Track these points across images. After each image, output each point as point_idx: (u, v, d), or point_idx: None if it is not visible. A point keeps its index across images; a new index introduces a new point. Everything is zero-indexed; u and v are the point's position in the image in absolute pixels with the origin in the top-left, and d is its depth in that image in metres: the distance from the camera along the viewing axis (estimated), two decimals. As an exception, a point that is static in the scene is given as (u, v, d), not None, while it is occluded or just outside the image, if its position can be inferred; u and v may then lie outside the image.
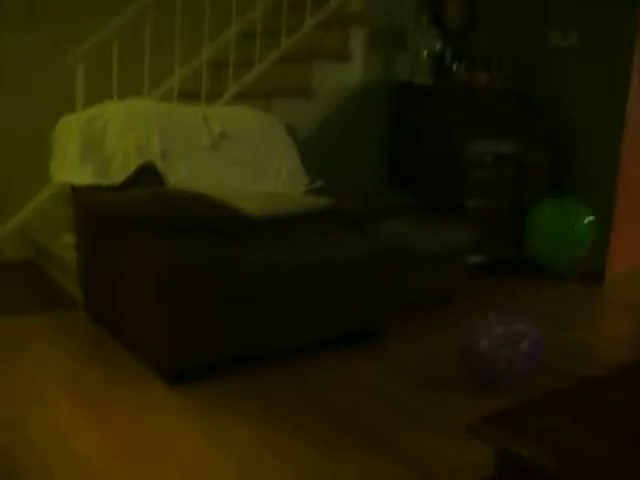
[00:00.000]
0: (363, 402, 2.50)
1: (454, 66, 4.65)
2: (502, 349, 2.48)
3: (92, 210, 2.90)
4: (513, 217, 4.43)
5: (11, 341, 2.98)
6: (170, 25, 3.90)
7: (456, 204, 4.16)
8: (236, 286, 2.57)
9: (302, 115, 4.01)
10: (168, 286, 2.45)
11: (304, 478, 1.98)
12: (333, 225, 2.87)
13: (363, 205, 2.95)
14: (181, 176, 2.94)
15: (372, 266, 2.90)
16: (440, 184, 4.25)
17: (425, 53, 4.48)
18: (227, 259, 2.53)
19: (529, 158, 4.46)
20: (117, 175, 2.87)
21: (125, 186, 2.86)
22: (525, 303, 3.89)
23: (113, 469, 1.99)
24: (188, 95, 4.16)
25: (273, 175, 3.18)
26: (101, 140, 2.95)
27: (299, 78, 4.12)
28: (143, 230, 2.50)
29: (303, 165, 3.37)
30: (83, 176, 2.88)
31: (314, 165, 3.54)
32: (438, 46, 4.54)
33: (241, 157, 3.12)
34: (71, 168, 2.92)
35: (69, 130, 3.00)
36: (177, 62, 3.93)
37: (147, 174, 2.90)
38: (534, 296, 4.05)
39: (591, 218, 4.27)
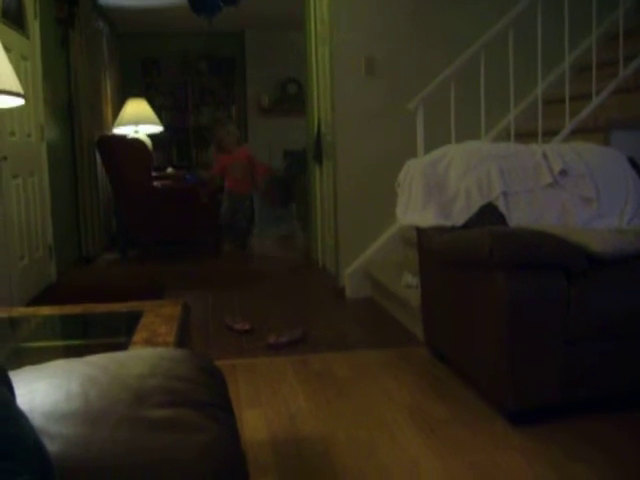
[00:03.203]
0: None
1: None
2: None
3: (436, 250, 3.01)
4: None
5: (359, 372, 3.20)
6: (502, 67, 3.95)
7: None
8: (580, 326, 2.49)
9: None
10: (510, 324, 2.45)
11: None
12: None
13: None
14: (522, 215, 2.94)
15: None
16: None
17: None
18: (571, 297, 2.46)
19: None
20: (459, 216, 2.96)
21: (467, 226, 2.94)
22: None
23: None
24: (522, 134, 4.16)
25: (617, 212, 3.04)
26: (443, 182, 3.07)
27: (639, 108, 3.90)
28: (486, 268, 2.54)
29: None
30: (427, 218, 3.02)
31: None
32: None
33: (583, 194, 3.03)
34: (415, 210, 3.08)
35: (413, 173, 3.17)
36: (512, 102, 3.96)
37: (488, 214, 2.95)
38: None
39: None
